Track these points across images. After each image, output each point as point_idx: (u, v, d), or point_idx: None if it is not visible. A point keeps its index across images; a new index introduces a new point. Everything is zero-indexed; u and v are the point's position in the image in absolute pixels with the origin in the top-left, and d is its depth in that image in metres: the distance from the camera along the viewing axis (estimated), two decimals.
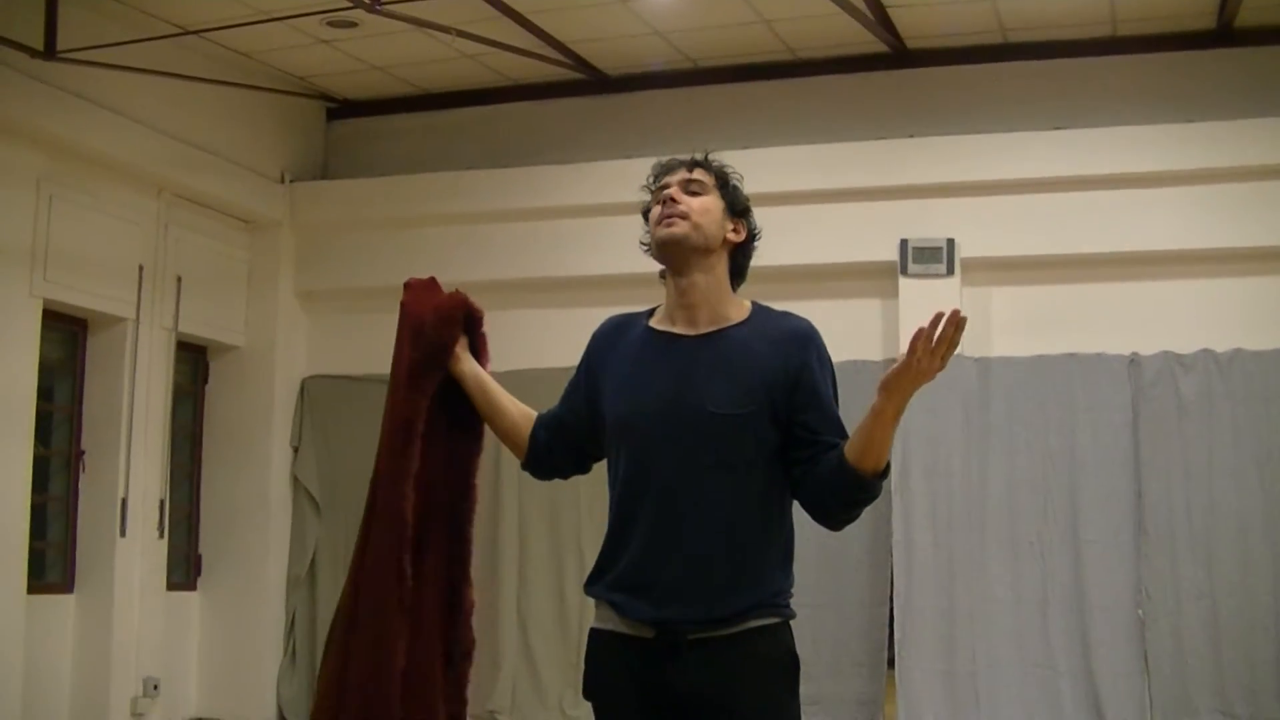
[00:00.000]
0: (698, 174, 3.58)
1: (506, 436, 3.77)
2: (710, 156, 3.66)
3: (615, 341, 3.67)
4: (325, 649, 3.77)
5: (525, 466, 3.79)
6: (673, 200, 3.54)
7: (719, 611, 3.34)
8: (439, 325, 3.73)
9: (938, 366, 3.20)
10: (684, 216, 3.52)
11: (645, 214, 3.65)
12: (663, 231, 3.54)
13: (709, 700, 3.32)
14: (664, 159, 3.69)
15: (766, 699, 3.37)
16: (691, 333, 3.55)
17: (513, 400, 3.79)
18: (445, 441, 3.75)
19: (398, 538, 3.63)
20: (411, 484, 3.65)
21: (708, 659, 3.34)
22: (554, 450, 3.71)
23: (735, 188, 3.64)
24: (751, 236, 3.65)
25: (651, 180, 3.65)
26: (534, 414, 3.78)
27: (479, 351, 3.82)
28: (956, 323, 3.15)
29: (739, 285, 3.67)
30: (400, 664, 3.58)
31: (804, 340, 3.51)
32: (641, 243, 3.68)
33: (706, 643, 3.34)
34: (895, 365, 3.23)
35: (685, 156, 3.66)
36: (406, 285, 3.87)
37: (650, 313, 3.68)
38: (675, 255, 3.55)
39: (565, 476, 3.85)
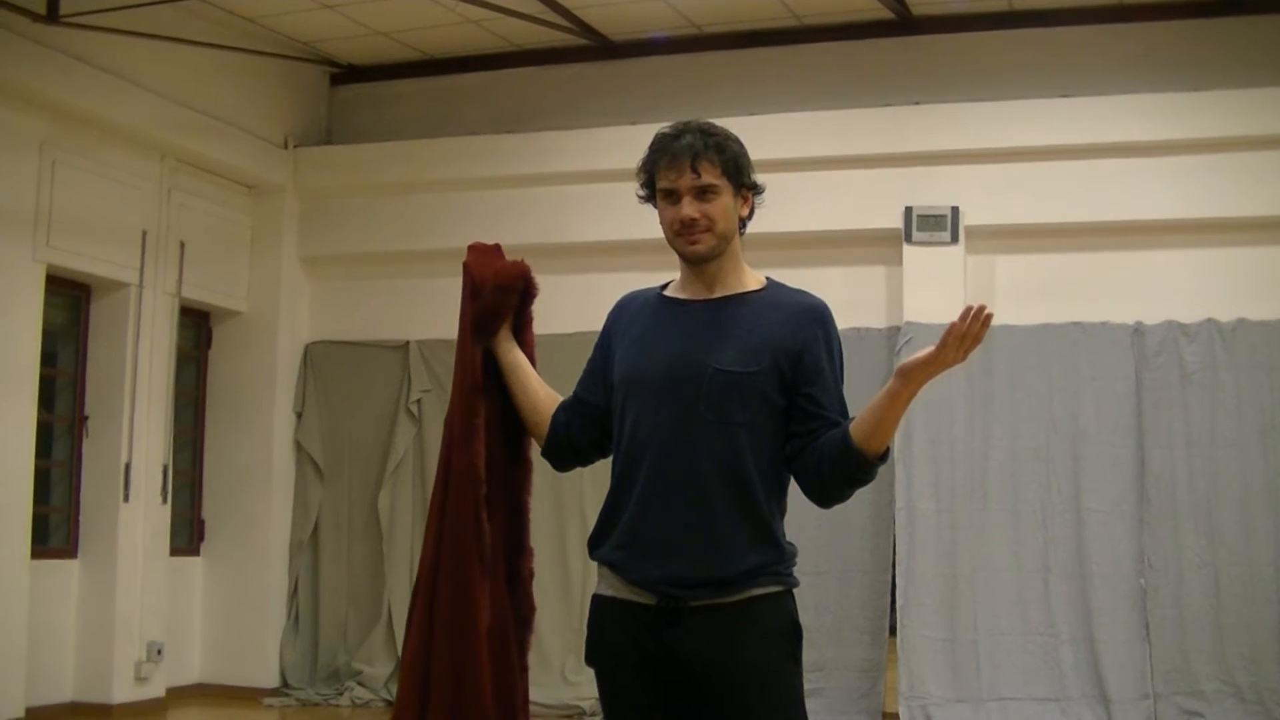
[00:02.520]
0: (705, 173, 3.45)
1: (529, 416, 3.73)
2: (710, 135, 3.50)
3: (629, 314, 3.66)
4: (409, 613, 3.76)
5: (545, 452, 3.75)
6: (692, 222, 3.45)
7: (721, 570, 3.33)
8: (496, 290, 3.75)
9: (960, 359, 3.22)
10: (708, 230, 3.47)
11: (642, 182, 3.59)
12: (689, 250, 3.49)
13: (710, 668, 3.32)
14: (662, 137, 3.53)
15: (768, 667, 3.36)
16: (703, 298, 3.54)
17: (542, 384, 3.76)
18: (499, 412, 3.75)
19: (474, 495, 3.64)
20: (482, 441, 3.66)
21: (709, 627, 3.33)
22: (573, 429, 3.66)
23: (742, 165, 3.52)
24: (755, 194, 3.60)
25: (650, 163, 3.54)
26: (559, 398, 3.76)
27: (524, 326, 3.81)
28: (984, 319, 3.16)
29: (742, 234, 3.61)
30: (485, 621, 3.59)
31: (817, 317, 3.49)
32: (638, 194, 3.64)
33: (708, 610, 3.34)
34: (919, 353, 3.23)
35: (685, 138, 3.48)
36: (470, 248, 3.86)
37: (664, 285, 3.66)
38: (700, 262, 3.53)
39: (586, 462, 3.77)
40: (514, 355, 3.76)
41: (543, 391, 3.74)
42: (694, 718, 3.37)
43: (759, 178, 3.60)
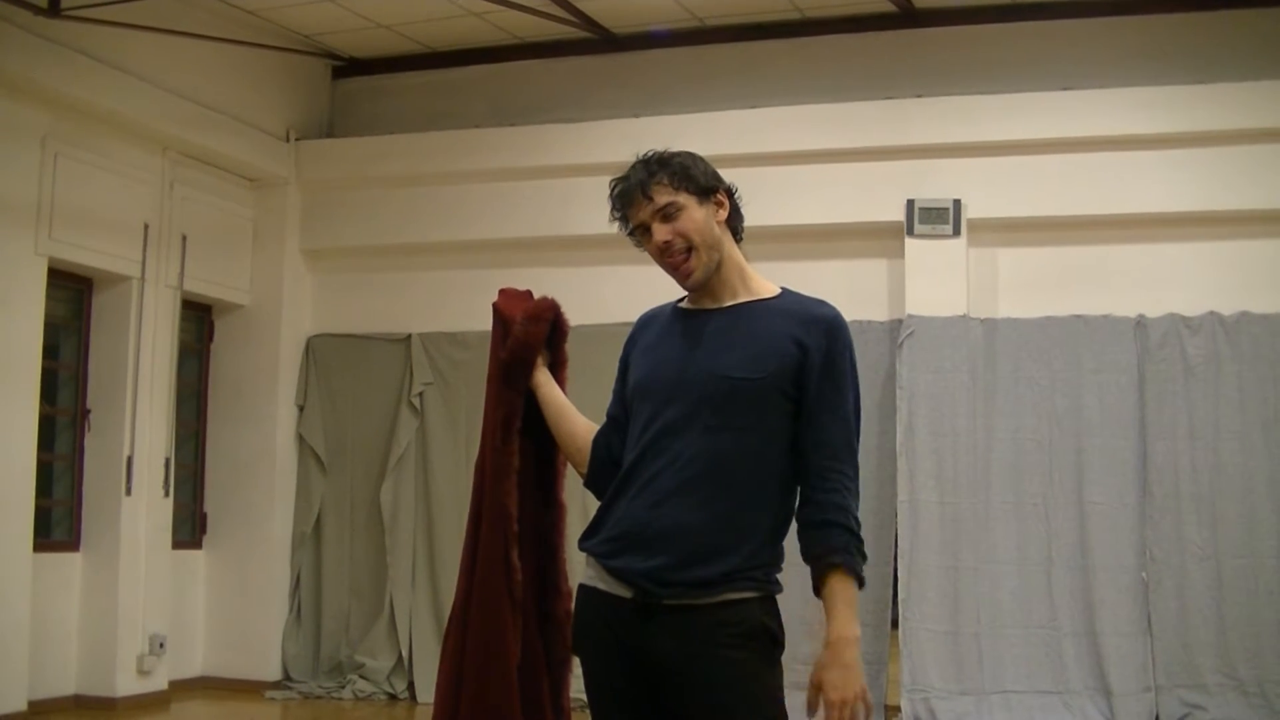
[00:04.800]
0: (658, 194, 3.45)
1: (569, 444, 3.73)
2: (650, 160, 3.51)
3: (646, 330, 3.67)
4: (443, 648, 3.80)
5: (588, 480, 3.73)
6: (667, 245, 3.46)
7: (698, 571, 3.33)
8: (526, 322, 3.74)
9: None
10: (689, 250, 3.45)
11: (627, 233, 3.58)
12: (686, 282, 3.50)
13: (678, 667, 3.33)
14: (613, 184, 3.54)
15: (739, 669, 3.34)
16: (715, 306, 3.53)
17: (581, 416, 3.75)
18: (531, 455, 3.77)
19: (504, 533, 3.66)
20: (514, 481, 3.68)
21: (682, 626, 3.34)
22: (614, 447, 3.63)
23: (693, 173, 3.49)
24: (730, 194, 3.56)
25: (617, 213, 3.55)
26: (597, 428, 3.74)
27: (559, 365, 3.82)
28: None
29: (740, 239, 3.59)
30: (516, 657, 3.61)
31: (826, 327, 3.45)
32: (635, 245, 3.62)
33: (682, 610, 3.35)
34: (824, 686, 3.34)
35: (631, 176, 3.50)
36: (500, 291, 3.88)
37: (680, 299, 3.65)
38: (701, 288, 3.52)
39: None
40: (552, 389, 3.76)
41: (582, 422, 3.73)
42: (671, 711, 3.38)
43: (762, 175, 3.57)
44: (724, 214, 3.52)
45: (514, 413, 3.70)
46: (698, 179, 3.48)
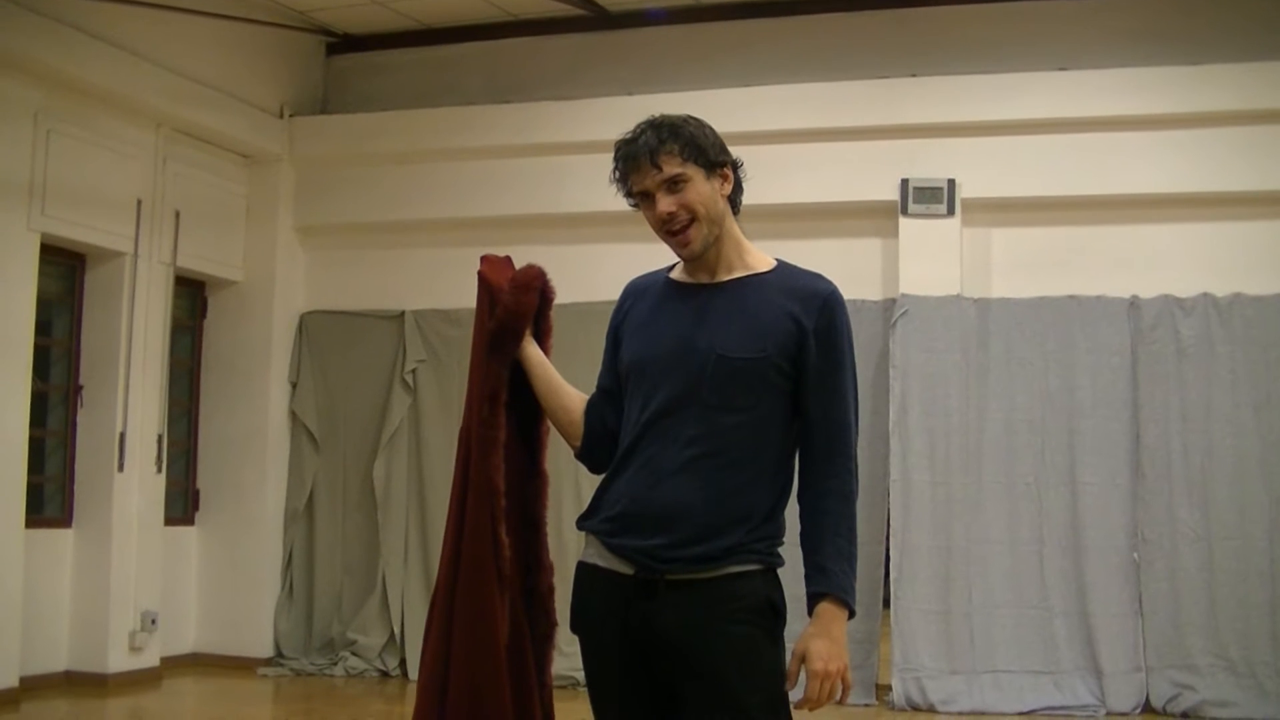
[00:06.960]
0: (666, 165, 3.39)
1: (560, 417, 3.69)
2: (662, 126, 3.44)
3: (637, 300, 3.63)
4: (427, 625, 3.75)
5: (580, 453, 3.69)
6: (670, 216, 3.42)
7: (700, 546, 3.32)
8: (515, 292, 3.68)
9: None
10: (691, 221, 3.42)
11: (625, 194, 3.54)
12: (683, 251, 3.47)
13: (684, 642, 3.32)
14: (620, 144, 3.49)
15: (741, 643, 3.34)
16: (710, 281, 3.51)
17: (569, 385, 3.71)
18: (515, 426, 3.72)
19: (491, 508, 3.60)
20: (501, 454, 3.62)
21: (684, 601, 3.33)
22: (607, 420, 3.61)
23: (703, 145, 3.43)
24: (735, 168, 3.52)
25: (620, 174, 3.50)
26: (586, 398, 3.71)
27: (544, 334, 3.77)
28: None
29: (737, 212, 3.55)
30: (504, 635, 3.57)
31: (823, 303, 3.43)
32: (631, 205, 3.58)
33: (684, 585, 3.34)
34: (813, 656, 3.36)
35: (640, 139, 3.45)
36: (483, 259, 3.81)
37: (670, 268, 3.63)
38: (697, 259, 3.49)
39: None
40: (539, 358, 3.71)
41: (574, 394, 3.69)
42: (672, 689, 3.37)
43: (758, 154, 3.53)
44: (729, 188, 3.48)
45: (500, 385, 3.65)
46: (707, 151, 3.43)
